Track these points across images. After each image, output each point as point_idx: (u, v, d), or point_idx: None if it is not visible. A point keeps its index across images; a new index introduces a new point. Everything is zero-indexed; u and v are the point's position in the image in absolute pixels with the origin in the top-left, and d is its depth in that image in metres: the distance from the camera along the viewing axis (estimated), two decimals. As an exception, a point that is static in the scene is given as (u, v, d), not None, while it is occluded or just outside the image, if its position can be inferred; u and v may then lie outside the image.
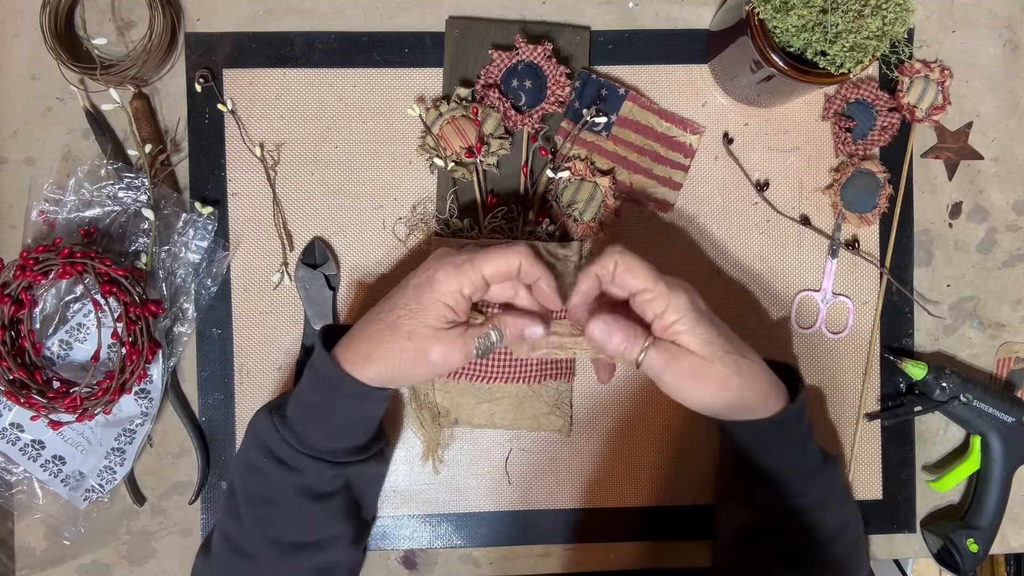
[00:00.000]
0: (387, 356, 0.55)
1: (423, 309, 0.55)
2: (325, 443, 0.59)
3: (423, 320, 0.55)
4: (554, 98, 0.69)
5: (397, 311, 0.56)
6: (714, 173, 0.72)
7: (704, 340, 0.54)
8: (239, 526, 0.60)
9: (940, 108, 0.71)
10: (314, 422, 0.59)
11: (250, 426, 0.62)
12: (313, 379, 0.58)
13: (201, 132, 0.70)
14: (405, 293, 0.56)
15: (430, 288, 0.55)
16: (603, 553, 0.73)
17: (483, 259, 0.55)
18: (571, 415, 0.71)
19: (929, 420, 0.74)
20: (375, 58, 0.71)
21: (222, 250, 0.70)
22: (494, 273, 0.55)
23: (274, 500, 0.59)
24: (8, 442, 0.66)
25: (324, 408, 0.58)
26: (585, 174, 0.69)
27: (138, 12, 0.70)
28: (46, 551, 0.70)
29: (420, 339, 0.55)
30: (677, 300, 0.54)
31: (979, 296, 0.74)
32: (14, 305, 0.62)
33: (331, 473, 0.59)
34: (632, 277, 0.55)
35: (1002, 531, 0.73)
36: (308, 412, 0.59)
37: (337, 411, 0.58)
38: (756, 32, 0.60)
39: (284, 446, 0.58)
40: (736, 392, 0.55)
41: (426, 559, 0.72)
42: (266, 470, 0.58)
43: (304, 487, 0.58)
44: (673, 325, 0.54)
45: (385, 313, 0.56)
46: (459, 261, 0.55)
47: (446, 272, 0.55)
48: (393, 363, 0.56)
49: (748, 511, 0.61)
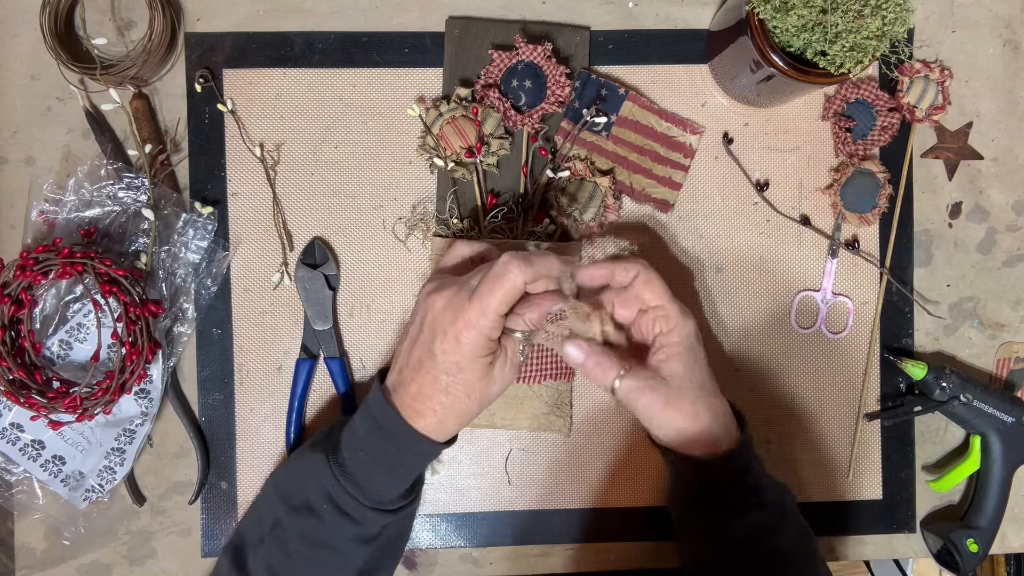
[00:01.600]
0: (456, 417, 0.57)
1: (466, 372, 0.55)
2: (386, 494, 0.59)
3: (472, 377, 0.55)
4: (554, 98, 0.69)
5: (443, 380, 0.55)
6: (714, 173, 0.72)
7: (687, 369, 0.57)
8: (287, 561, 0.59)
9: (940, 108, 0.71)
10: (378, 476, 0.58)
11: (302, 464, 0.61)
12: (380, 436, 0.57)
13: (201, 132, 0.70)
14: (438, 362, 0.55)
15: (461, 354, 0.55)
16: (603, 553, 0.73)
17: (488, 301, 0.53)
18: (571, 415, 0.71)
19: (929, 420, 0.74)
20: (375, 58, 0.71)
21: (222, 250, 0.70)
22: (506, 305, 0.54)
23: (330, 545, 0.59)
24: (8, 442, 0.66)
25: (390, 463, 0.58)
26: (585, 174, 0.69)
27: (138, 12, 0.70)
28: (46, 551, 0.70)
29: (480, 391, 0.56)
30: (685, 327, 0.58)
31: (979, 296, 0.75)
32: (14, 305, 0.62)
33: (388, 520, 0.59)
34: (649, 291, 0.58)
35: (1002, 531, 0.73)
36: (372, 466, 0.58)
37: (406, 466, 0.59)
38: (756, 32, 0.60)
39: (347, 497, 0.57)
40: (703, 425, 0.57)
41: (426, 559, 0.72)
42: (325, 516, 0.58)
43: (360, 535, 0.59)
44: (671, 346, 0.57)
45: (431, 385, 0.56)
46: (472, 319, 0.54)
47: (468, 334, 0.54)
48: (464, 419, 0.57)
49: (703, 542, 0.62)
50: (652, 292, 0.58)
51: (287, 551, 0.59)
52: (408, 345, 0.58)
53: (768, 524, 0.59)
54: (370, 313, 0.71)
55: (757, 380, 0.73)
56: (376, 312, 0.71)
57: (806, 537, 0.62)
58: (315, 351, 0.70)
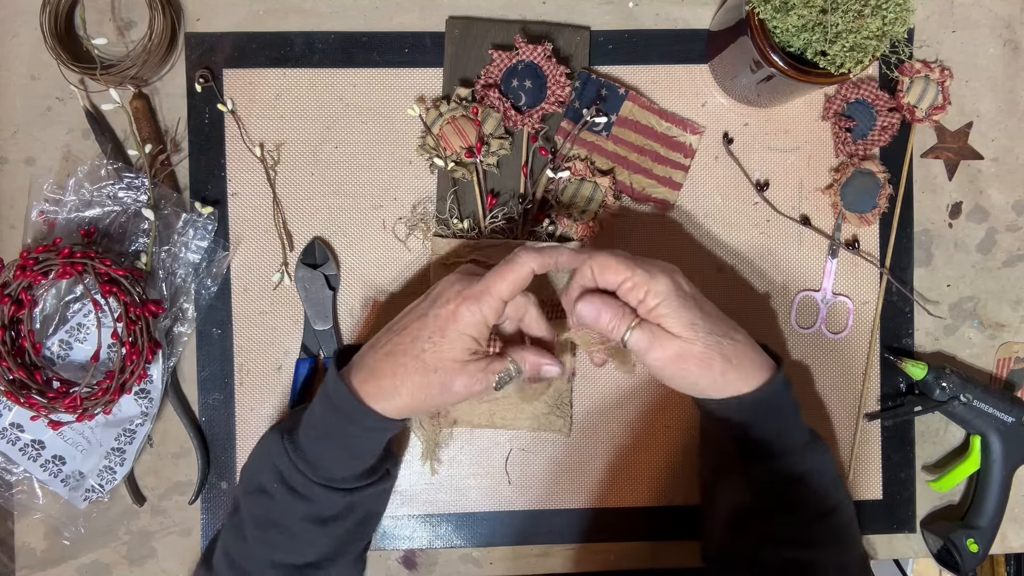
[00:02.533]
0: (412, 390, 0.56)
1: (448, 342, 0.55)
2: (338, 472, 0.59)
3: (449, 353, 0.55)
4: (554, 98, 0.69)
5: (420, 343, 0.55)
6: (714, 173, 0.72)
7: (686, 322, 0.55)
8: (243, 546, 0.59)
9: (940, 108, 0.71)
10: (329, 452, 0.58)
11: (261, 446, 0.61)
12: (329, 410, 0.57)
13: (201, 132, 0.70)
14: (427, 323, 0.56)
15: (455, 322, 0.55)
16: (603, 553, 0.73)
17: (496, 283, 0.55)
18: (571, 415, 0.71)
19: (929, 420, 0.74)
20: (375, 58, 0.71)
21: (222, 250, 0.70)
22: (511, 292, 0.56)
23: (281, 524, 0.58)
24: (8, 442, 0.66)
25: (340, 439, 0.58)
26: (585, 174, 0.69)
27: (138, 12, 0.70)
28: (46, 551, 0.70)
29: (446, 372, 0.55)
30: (657, 285, 0.55)
31: (979, 296, 0.74)
32: (14, 305, 0.62)
33: (341, 500, 0.59)
34: (609, 273, 0.56)
35: (1002, 531, 0.73)
36: (323, 442, 0.58)
37: (354, 442, 0.58)
38: (756, 32, 0.60)
39: (296, 474, 0.57)
40: (718, 373, 0.56)
41: (426, 559, 0.72)
42: (276, 495, 0.58)
43: (313, 514, 0.58)
44: (656, 308, 0.55)
45: (406, 345, 0.56)
46: (477, 292, 0.55)
47: (469, 306, 0.55)
48: (419, 396, 0.56)
49: (740, 487, 0.61)
50: (612, 272, 0.56)
51: (243, 535, 0.59)
52: (400, 315, 0.59)
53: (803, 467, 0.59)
54: (370, 313, 0.71)
55: (757, 380, 0.73)
56: (376, 312, 0.71)
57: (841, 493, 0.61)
58: (315, 351, 0.70)
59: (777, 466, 0.59)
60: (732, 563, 0.62)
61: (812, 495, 0.59)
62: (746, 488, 0.61)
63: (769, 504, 0.59)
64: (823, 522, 0.59)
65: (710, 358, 0.55)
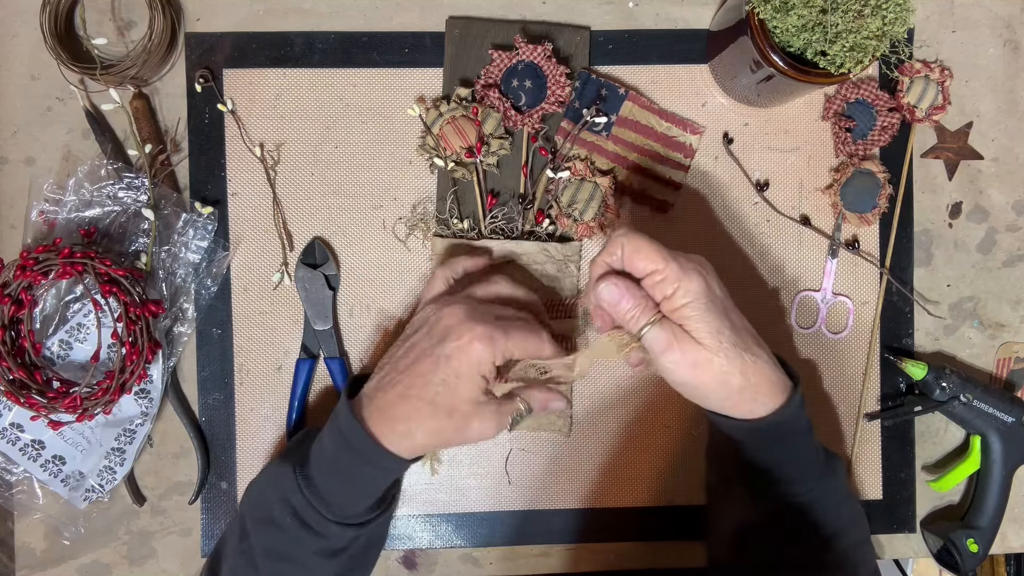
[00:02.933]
0: (427, 434, 0.55)
1: (462, 383, 0.54)
2: (351, 508, 0.58)
3: (462, 395, 0.54)
4: (554, 98, 0.69)
5: (434, 387, 0.54)
6: (714, 173, 0.72)
7: (712, 329, 0.52)
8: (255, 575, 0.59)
9: (940, 108, 0.71)
10: (342, 489, 0.57)
11: (271, 475, 0.61)
12: (343, 449, 0.56)
13: (201, 132, 0.70)
14: (439, 365, 0.54)
15: (467, 361, 0.54)
16: (603, 553, 0.73)
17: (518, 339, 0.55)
18: (571, 415, 0.71)
19: (929, 420, 0.74)
20: (375, 58, 0.71)
21: (222, 250, 0.70)
22: (523, 354, 0.56)
23: (293, 558, 0.58)
24: (8, 442, 0.66)
25: (354, 478, 0.57)
26: (585, 174, 0.69)
27: (138, 12, 0.70)
28: (46, 551, 0.70)
29: (460, 416, 0.55)
30: (689, 283, 0.52)
31: (979, 296, 0.74)
32: (14, 305, 0.62)
33: (352, 533, 0.59)
34: (640, 259, 0.53)
35: (1002, 531, 0.73)
36: (335, 479, 0.57)
37: (368, 480, 0.58)
38: (756, 32, 0.60)
39: (310, 511, 0.57)
40: (735, 391, 0.53)
41: (426, 559, 0.72)
42: (288, 529, 0.57)
43: (324, 548, 0.58)
44: (682, 308, 0.52)
45: (419, 388, 0.54)
46: (493, 333, 0.54)
47: (484, 344, 0.54)
48: (435, 440, 0.55)
49: (747, 506, 0.60)
50: (643, 259, 0.53)
51: (255, 564, 0.58)
52: (404, 350, 0.57)
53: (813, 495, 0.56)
54: (370, 313, 0.71)
55: (757, 380, 0.73)
56: (376, 312, 0.71)
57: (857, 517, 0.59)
58: (315, 351, 0.70)
59: (787, 491, 0.57)
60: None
61: (823, 520, 0.57)
62: (754, 508, 0.59)
63: (778, 528, 0.58)
64: (833, 546, 0.57)
65: (728, 373, 0.52)
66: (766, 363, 0.54)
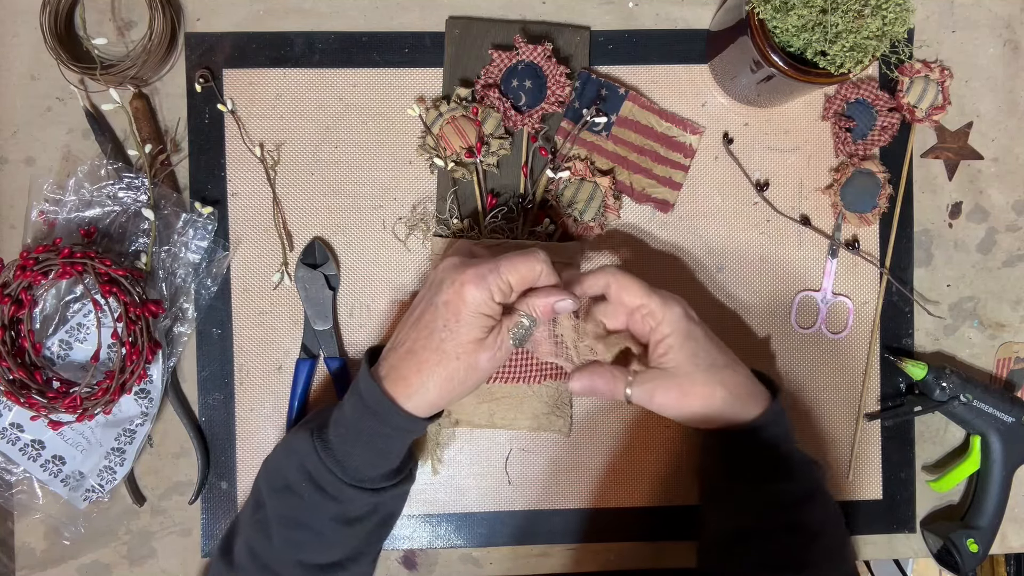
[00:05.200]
0: (440, 383, 0.56)
1: (463, 325, 0.55)
2: (367, 472, 0.59)
3: (467, 336, 0.55)
4: (554, 98, 0.69)
5: (438, 334, 0.56)
6: (714, 173, 0.72)
7: (690, 354, 0.58)
8: (268, 544, 0.59)
9: (940, 108, 0.71)
10: (359, 452, 0.58)
11: (287, 443, 0.61)
12: (361, 410, 0.57)
13: (201, 132, 0.70)
14: (438, 313, 0.56)
15: (463, 303, 0.55)
16: (603, 553, 0.73)
17: (508, 266, 0.55)
18: (571, 415, 0.71)
19: (929, 420, 0.74)
20: (375, 58, 0.71)
21: (222, 250, 0.70)
22: (519, 280, 0.56)
23: (308, 524, 0.58)
24: (8, 442, 0.66)
25: (371, 439, 0.58)
26: (585, 174, 0.69)
27: (138, 12, 0.70)
28: (46, 551, 0.70)
29: (469, 355, 0.56)
30: (670, 314, 0.58)
31: (979, 296, 0.74)
32: (14, 305, 0.62)
33: (368, 500, 0.59)
34: (628, 295, 0.59)
35: (1002, 531, 0.73)
36: (353, 442, 0.58)
37: (384, 442, 0.58)
38: (756, 32, 0.60)
39: (327, 474, 0.57)
40: (720, 403, 0.58)
41: (426, 559, 0.72)
42: (304, 494, 0.58)
43: (340, 514, 0.58)
44: (666, 339, 0.58)
45: (424, 339, 0.56)
46: (483, 271, 0.55)
47: (476, 284, 0.55)
48: (448, 387, 0.56)
49: (731, 512, 0.62)
50: (629, 294, 0.59)
51: (268, 533, 0.59)
52: (412, 307, 0.59)
53: (796, 497, 0.60)
54: (370, 313, 0.71)
55: (757, 380, 0.73)
56: (376, 312, 0.71)
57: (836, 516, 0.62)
58: (315, 351, 0.70)
59: (770, 493, 0.60)
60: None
61: (805, 520, 0.60)
62: (741, 511, 0.61)
63: (764, 529, 0.60)
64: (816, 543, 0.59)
65: (711, 389, 0.58)
66: (743, 376, 0.60)
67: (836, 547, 0.61)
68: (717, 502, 0.65)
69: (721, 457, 0.63)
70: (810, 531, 0.59)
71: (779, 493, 0.59)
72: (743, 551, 0.61)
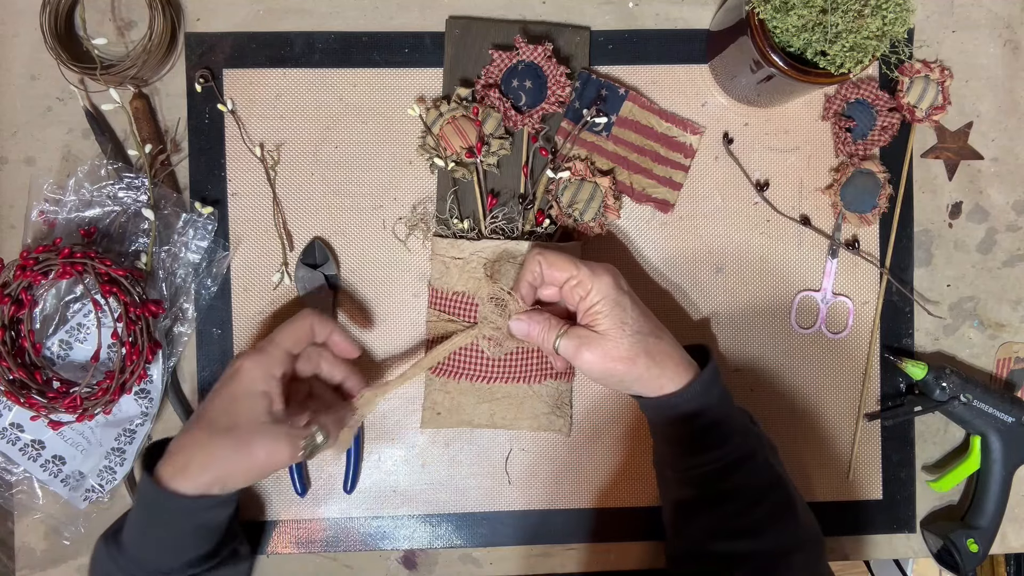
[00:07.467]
0: (209, 460, 0.55)
1: (239, 402, 0.56)
2: (168, 563, 0.57)
3: (242, 414, 0.56)
4: (554, 98, 0.69)
5: (212, 412, 0.57)
6: (714, 173, 0.72)
7: (617, 320, 0.59)
8: None
9: (940, 108, 0.71)
10: (150, 545, 0.57)
11: (92, 558, 0.61)
12: (140, 503, 0.57)
13: (201, 132, 0.70)
14: (219, 391, 0.58)
15: (238, 379, 0.57)
16: (603, 553, 0.73)
17: (280, 334, 0.60)
18: (571, 415, 0.71)
19: (929, 420, 0.74)
20: (375, 58, 0.71)
21: (222, 250, 0.70)
22: (293, 343, 0.59)
23: None
24: (8, 442, 0.66)
25: (156, 529, 0.57)
26: (585, 174, 0.69)
27: (138, 12, 0.70)
28: (46, 551, 0.70)
29: (241, 433, 0.55)
30: (599, 283, 0.59)
31: (979, 296, 0.74)
32: (14, 305, 0.62)
33: None
34: (556, 270, 0.60)
35: (1002, 531, 0.73)
36: (142, 536, 0.57)
37: (171, 529, 0.57)
38: (756, 32, 0.60)
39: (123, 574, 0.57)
40: (642, 369, 0.59)
41: (426, 559, 0.72)
42: None
43: None
44: (594, 306, 0.59)
45: (199, 416, 0.58)
46: (260, 345, 0.59)
47: (251, 359, 0.57)
48: (217, 465, 0.55)
49: (677, 484, 0.63)
50: (558, 269, 0.60)
51: None
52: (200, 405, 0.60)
53: (730, 462, 0.60)
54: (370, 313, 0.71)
55: (757, 380, 0.73)
56: (376, 312, 0.71)
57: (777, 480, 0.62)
58: (315, 351, 0.70)
59: (709, 458, 0.60)
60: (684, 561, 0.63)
61: (743, 482, 0.60)
62: (686, 483, 0.62)
63: (708, 496, 0.61)
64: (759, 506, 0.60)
65: (635, 355, 0.58)
66: (669, 344, 0.61)
67: (781, 510, 0.60)
68: (663, 476, 0.66)
69: (657, 428, 0.64)
70: (748, 496, 0.60)
71: (713, 461, 0.60)
72: (693, 522, 0.62)
